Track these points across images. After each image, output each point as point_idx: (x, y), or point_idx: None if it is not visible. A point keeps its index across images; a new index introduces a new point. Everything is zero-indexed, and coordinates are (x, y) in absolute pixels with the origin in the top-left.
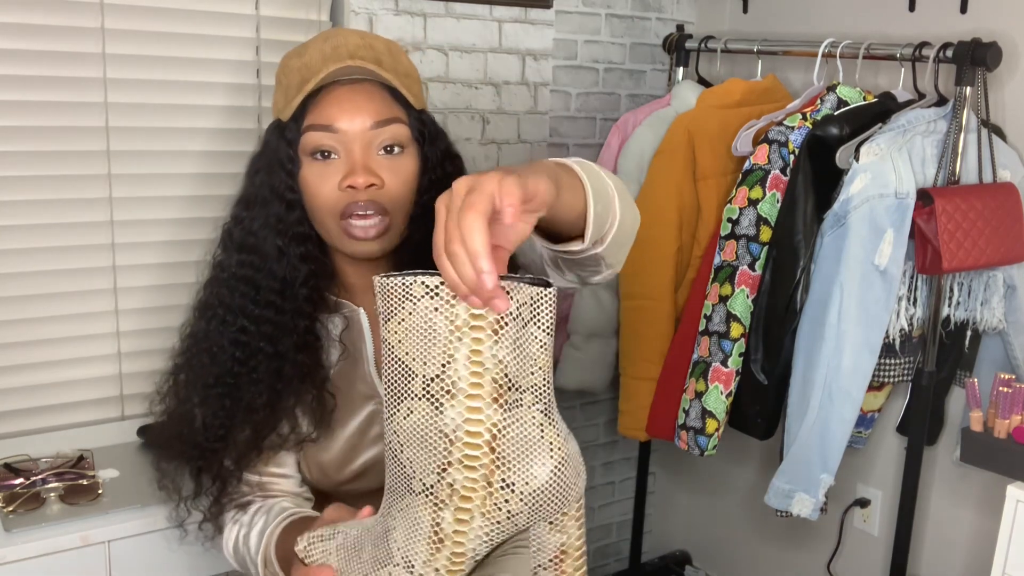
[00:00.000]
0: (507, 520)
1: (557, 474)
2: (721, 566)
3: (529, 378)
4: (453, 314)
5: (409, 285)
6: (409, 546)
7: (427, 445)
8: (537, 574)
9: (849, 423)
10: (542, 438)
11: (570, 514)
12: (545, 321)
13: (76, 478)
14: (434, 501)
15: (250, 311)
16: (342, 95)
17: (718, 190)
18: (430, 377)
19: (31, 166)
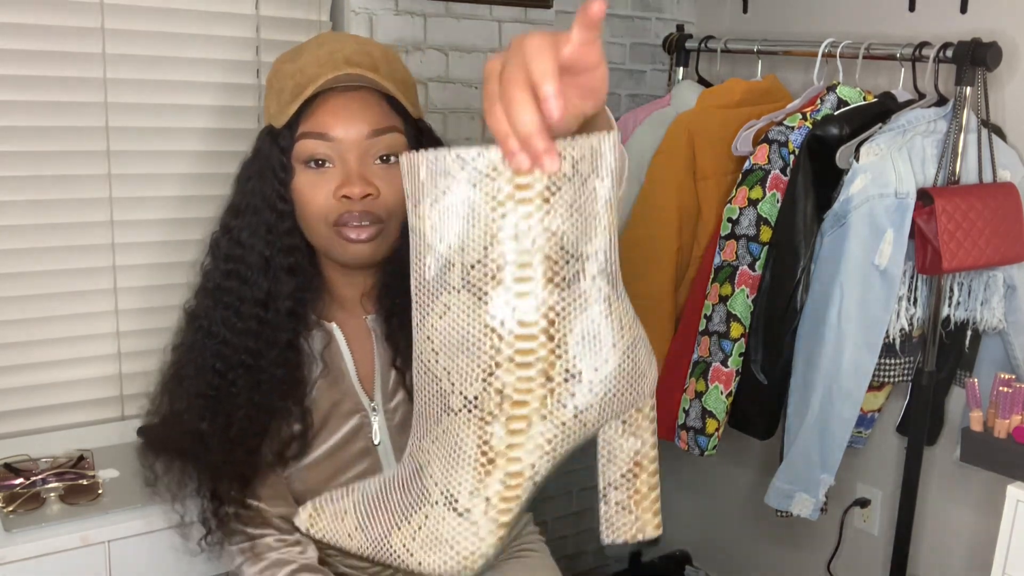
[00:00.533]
0: (574, 420)
1: (630, 355)
2: (721, 566)
3: (592, 242)
4: (494, 188)
5: (441, 159)
6: (450, 477)
7: (469, 347)
8: (607, 496)
9: (849, 423)
10: (610, 314)
11: (644, 411)
12: (608, 172)
13: (76, 478)
14: (479, 416)
15: (232, 323)
16: (338, 103)
17: (718, 190)
18: (470, 264)
19: (31, 166)
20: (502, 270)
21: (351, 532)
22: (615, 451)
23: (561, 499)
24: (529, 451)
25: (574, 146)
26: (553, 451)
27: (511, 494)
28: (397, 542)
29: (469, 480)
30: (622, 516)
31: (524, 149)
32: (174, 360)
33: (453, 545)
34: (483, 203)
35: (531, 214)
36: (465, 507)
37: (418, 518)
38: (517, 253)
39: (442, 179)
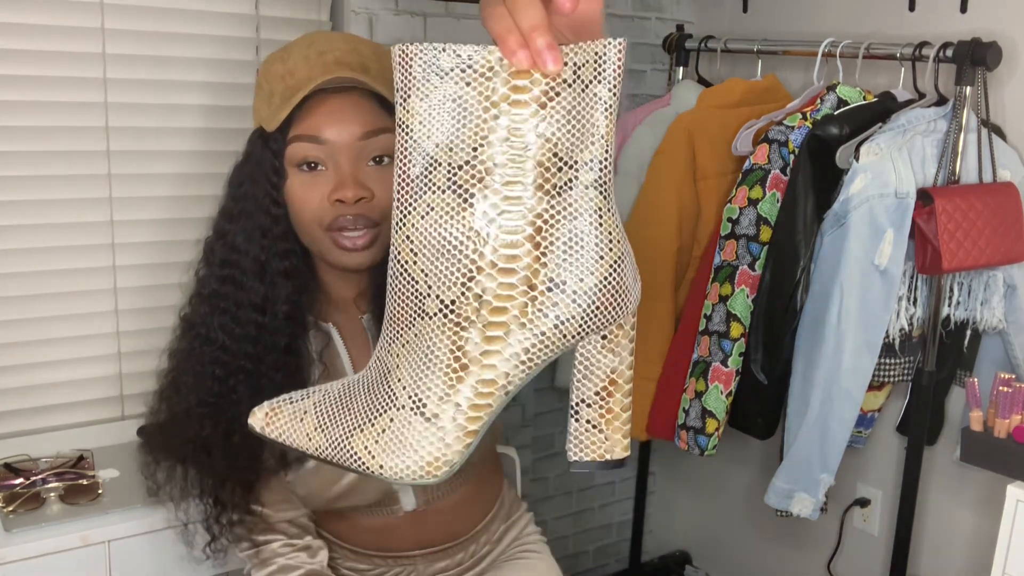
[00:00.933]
0: (554, 330)
1: (617, 269)
2: (721, 566)
3: (587, 151)
4: (489, 88)
5: (435, 54)
6: (419, 381)
7: (449, 249)
8: (578, 413)
9: (849, 423)
10: (600, 225)
11: (625, 329)
12: (611, 79)
13: (76, 478)
14: (455, 321)
15: (230, 329)
16: (329, 105)
17: (718, 190)
18: (457, 164)
19: (31, 166)
20: (491, 173)
21: (310, 433)
22: (592, 367)
23: (561, 499)
24: (505, 359)
25: (577, 51)
26: (530, 361)
27: (482, 402)
28: (359, 444)
29: (439, 385)
30: (592, 435)
31: (526, 46)
32: (172, 367)
33: (418, 450)
34: (476, 103)
35: (525, 118)
36: (433, 412)
37: (382, 421)
38: (508, 157)
39: (435, 75)
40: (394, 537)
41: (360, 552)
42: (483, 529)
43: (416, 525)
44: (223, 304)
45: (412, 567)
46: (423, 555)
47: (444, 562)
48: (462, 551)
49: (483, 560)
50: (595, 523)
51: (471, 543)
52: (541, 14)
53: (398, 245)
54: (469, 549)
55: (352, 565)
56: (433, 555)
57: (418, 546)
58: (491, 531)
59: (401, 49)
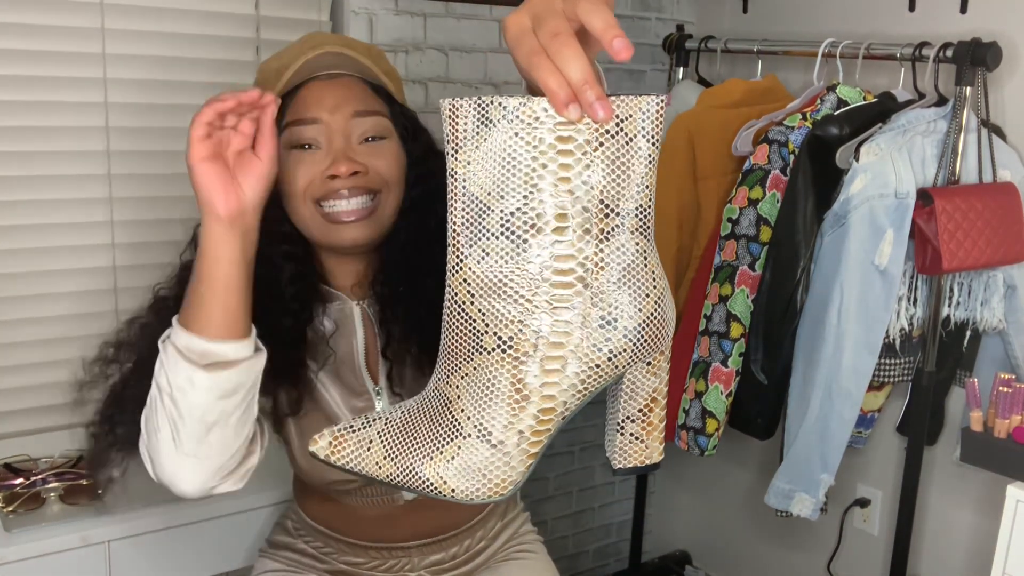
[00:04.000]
0: (607, 363)
1: (661, 304)
2: (721, 566)
3: (632, 199)
4: (536, 138)
5: (484, 106)
6: (483, 411)
7: (506, 291)
8: (623, 428)
9: (849, 423)
10: (645, 266)
11: (666, 354)
12: (652, 131)
13: (76, 478)
14: (514, 356)
15: None
16: (322, 89)
17: (718, 190)
18: (509, 212)
19: (31, 166)
20: (541, 218)
21: (379, 462)
22: (637, 389)
23: (561, 499)
24: (563, 389)
25: (620, 104)
26: (585, 390)
27: (543, 428)
28: (430, 471)
29: (503, 415)
30: (634, 445)
31: (576, 100)
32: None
33: (486, 474)
34: (524, 152)
35: (571, 166)
36: (499, 440)
37: (451, 449)
38: (557, 203)
39: (484, 126)
40: (392, 527)
41: (357, 544)
42: (479, 524)
43: (414, 515)
44: None
45: (407, 559)
46: (418, 546)
47: (439, 555)
48: (456, 544)
49: (478, 556)
50: (595, 523)
51: (466, 537)
52: (588, 66)
53: (455, 287)
54: (464, 543)
55: (348, 559)
56: (428, 547)
57: (414, 537)
58: (487, 527)
59: (450, 102)
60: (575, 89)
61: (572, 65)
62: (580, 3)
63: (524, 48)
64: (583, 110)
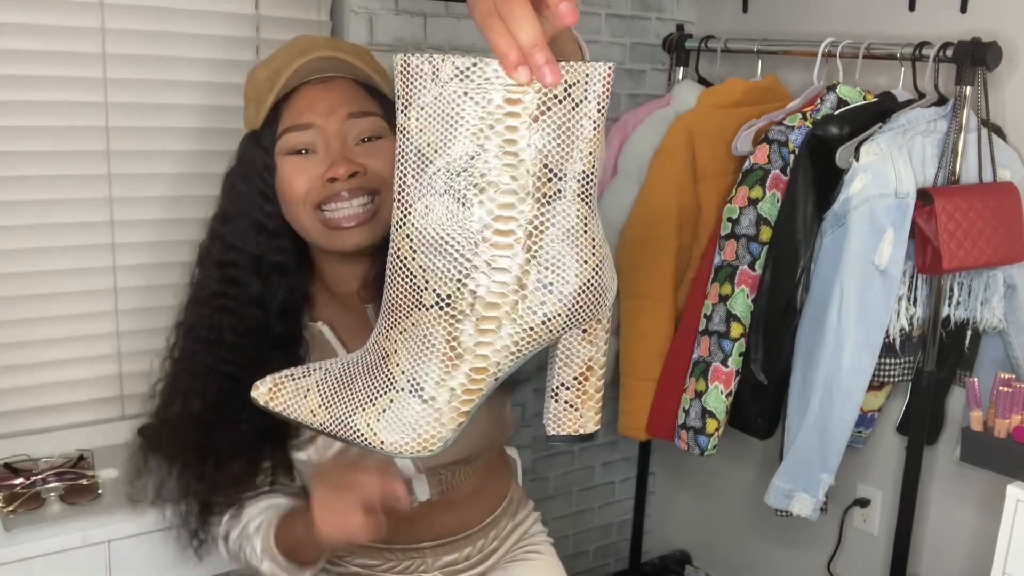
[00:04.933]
0: (541, 326)
1: (599, 271)
2: (721, 566)
3: (576, 164)
4: (486, 99)
5: (436, 64)
6: (417, 367)
7: (446, 249)
8: (557, 395)
9: (849, 423)
10: (585, 232)
11: (603, 323)
12: (600, 99)
13: (76, 478)
14: (451, 313)
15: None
16: (314, 93)
17: (718, 190)
18: (455, 171)
19: (31, 166)
20: (486, 179)
21: (314, 409)
22: (572, 356)
23: (561, 499)
24: (496, 350)
25: (569, 70)
26: (519, 352)
27: (474, 387)
28: (361, 422)
29: (436, 371)
30: (568, 413)
31: (526, 62)
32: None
33: (416, 428)
34: (473, 113)
35: (518, 128)
36: (431, 395)
37: (383, 401)
38: (503, 165)
39: (435, 84)
40: (406, 529)
41: (371, 547)
42: (491, 524)
43: (428, 516)
44: (226, 303)
45: (421, 560)
46: (432, 547)
47: (452, 555)
48: (470, 545)
49: (490, 556)
50: (595, 523)
51: (479, 537)
52: (539, 30)
53: (398, 242)
54: (477, 544)
55: (363, 561)
56: (442, 547)
57: (428, 538)
58: (499, 527)
59: (402, 58)
60: (524, 52)
61: (523, 27)
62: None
63: (480, 9)
64: (532, 73)
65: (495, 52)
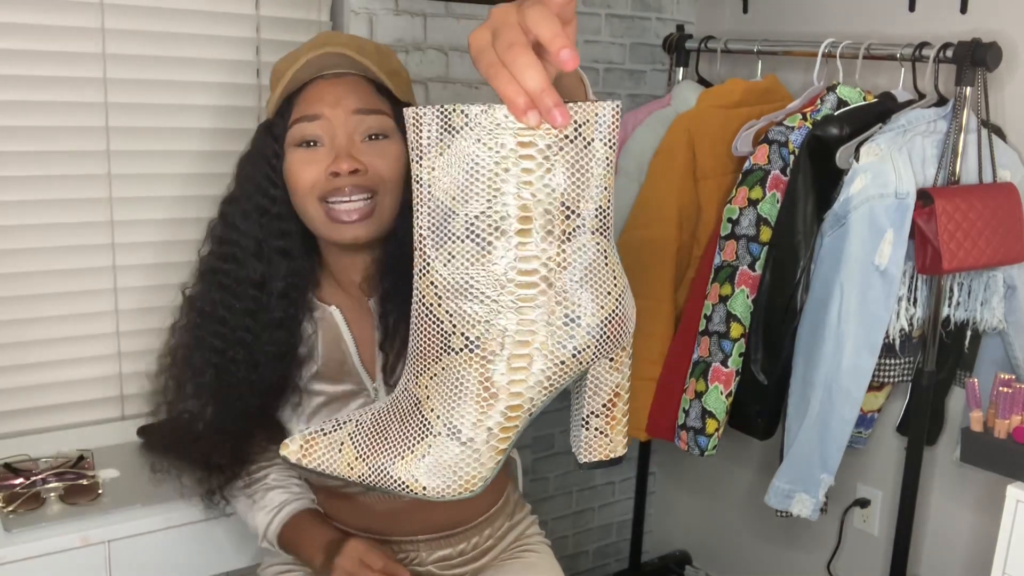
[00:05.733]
0: (572, 359)
1: (622, 302)
2: (721, 566)
3: (591, 200)
4: (498, 143)
5: (447, 114)
6: (452, 410)
7: (472, 293)
8: (588, 423)
9: (849, 423)
10: (606, 264)
11: (627, 350)
12: (609, 136)
13: (76, 478)
14: (481, 355)
15: (229, 303)
16: (325, 87)
17: (718, 190)
18: (474, 215)
19: (31, 166)
20: (505, 221)
21: (351, 463)
22: (600, 384)
23: (561, 499)
24: (530, 387)
25: (577, 110)
26: (551, 386)
27: (511, 424)
28: (401, 470)
29: (472, 413)
30: (599, 440)
31: (534, 106)
32: (173, 342)
33: (456, 471)
34: (487, 158)
35: (532, 170)
36: (468, 437)
37: (421, 448)
38: (519, 206)
39: (447, 134)
40: (400, 521)
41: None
42: (486, 521)
43: (422, 510)
44: (222, 280)
45: (416, 554)
46: (427, 541)
47: (447, 550)
48: (464, 541)
49: (485, 554)
50: (595, 523)
51: (474, 534)
52: (544, 76)
53: (422, 289)
54: (472, 540)
55: None
56: (436, 542)
57: (423, 532)
58: (495, 525)
59: (413, 111)
60: (533, 96)
61: (527, 74)
62: (529, 14)
63: (484, 61)
64: (541, 116)
65: (503, 99)
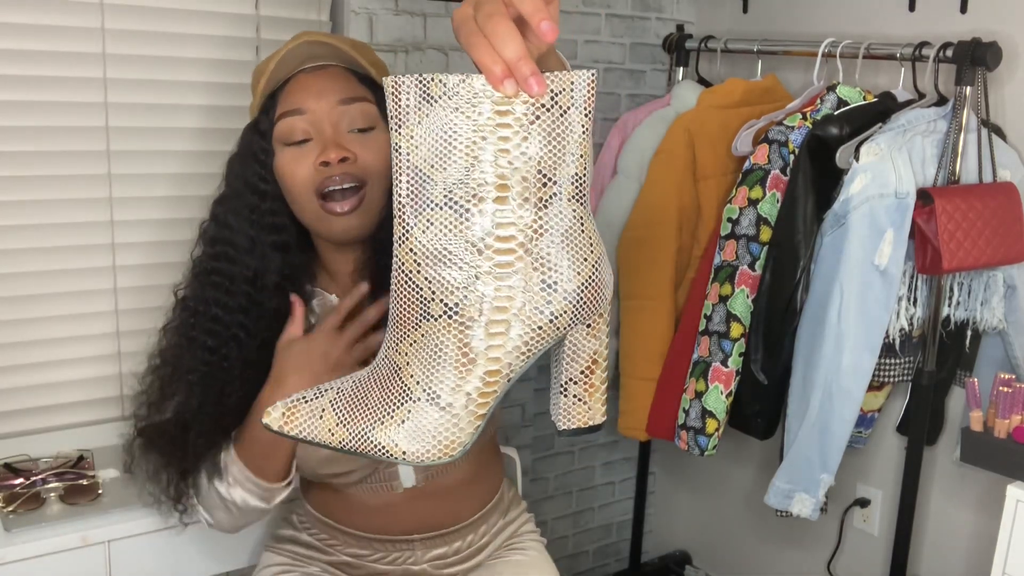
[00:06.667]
0: (549, 324)
1: (598, 268)
2: (721, 566)
3: (568, 168)
4: (476, 113)
5: (425, 83)
6: (431, 376)
7: (450, 259)
8: (567, 389)
9: (849, 423)
10: (582, 231)
11: (604, 317)
12: (585, 105)
13: (76, 478)
14: (460, 321)
15: (223, 302)
16: (307, 80)
17: (718, 190)
18: (452, 183)
19: (31, 166)
20: (482, 189)
21: (332, 428)
22: (578, 351)
23: (561, 499)
24: (507, 352)
25: (554, 80)
26: (529, 352)
27: (489, 389)
28: (381, 435)
29: (450, 378)
30: (577, 407)
31: (511, 75)
32: (164, 343)
33: (436, 436)
34: (465, 127)
35: (509, 139)
36: (447, 402)
37: (401, 413)
38: (496, 174)
39: (426, 103)
40: (394, 517)
41: (360, 536)
42: (481, 519)
43: (416, 505)
44: (216, 279)
45: (411, 552)
46: (422, 539)
47: (442, 548)
48: (460, 539)
49: (480, 552)
50: (595, 523)
51: (469, 532)
52: (522, 44)
53: (402, 256)
54: (467, 538)
55: (352, 551)
56: (431, 540)
57: (417, 529)
58: (490, 523)
59: (392, 80)
60: (510, 65)
61: (506, 43)
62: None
63: (464, 31)
64: (518, 85)
65: (481, 68)
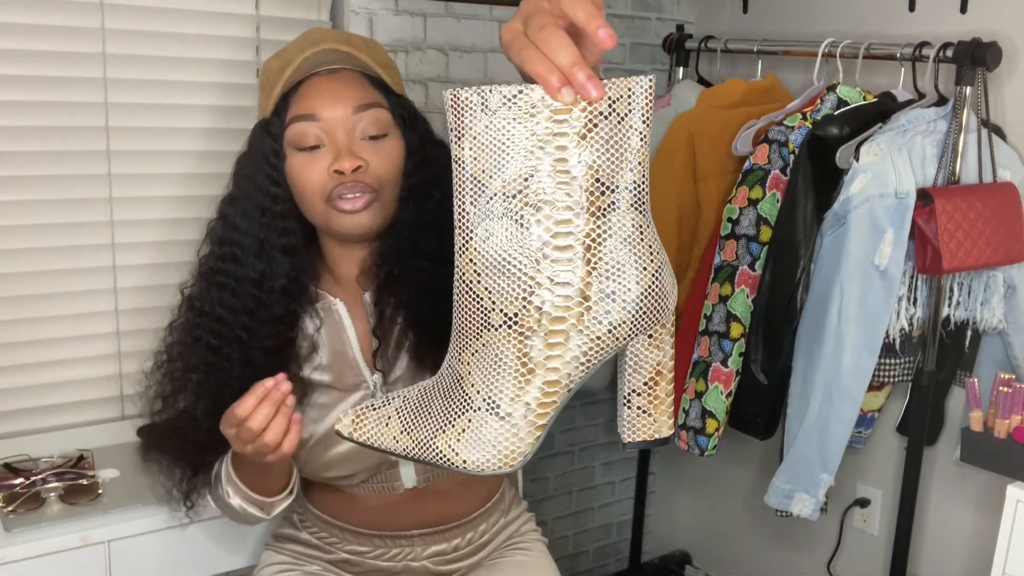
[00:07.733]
0: (608, 335)
1: (659, 277)
2: (721, 566)
3: (626, 175)
4: (534, 123)
5: (484, 95)
6: (491, 385)
7: (509, 269)
8: (630, 401)
9: (849, 423)
10: (642, 240)
11: (667, 327)
12: (643, 111)
13: (76, 478)
14: (519, 331)
15: (228, 303)
16: (321, 84)
17: (718, 190)
18: (511, 194)
19: (31, 166)
20: (541, 198)
21: (396, 436)
22: (640, 362)
23: (561, 499)
24: (566, 362)
25: (611, 87)
26: (587, 362)
27: (548, 400)
28: (442, 444)
29: (510, 388)
30: (642, 419)
31: (567, 83)
32: (169, 340)
33: (495, 445)
34: (523, 137)
35: (567, 147)
36: (507, 412)
37: (462, 422)
38: (556, 184)
39: (485, 114)
40: (394, 515)
41: (361, 532)
42: (481, 517)
43: (416, 503)
44: (222, 280)
45: (410, 548)
46: (421, 536)
47: (441, 545)
48: (459, 536)
49: (480, 550)
50: (595, 523)
51: (469, 529)
52: (575, 51)
53: (462, 267)
54: (467, 536)
55: (352, 548)
56: (431, 536)
57: (417, 526)
58: (490, 521)
59: (452, 92)
60: (565, 72)
61: (559, 51)
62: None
63: (516, 47)
64: (576, 91)
65: (537, 79)
